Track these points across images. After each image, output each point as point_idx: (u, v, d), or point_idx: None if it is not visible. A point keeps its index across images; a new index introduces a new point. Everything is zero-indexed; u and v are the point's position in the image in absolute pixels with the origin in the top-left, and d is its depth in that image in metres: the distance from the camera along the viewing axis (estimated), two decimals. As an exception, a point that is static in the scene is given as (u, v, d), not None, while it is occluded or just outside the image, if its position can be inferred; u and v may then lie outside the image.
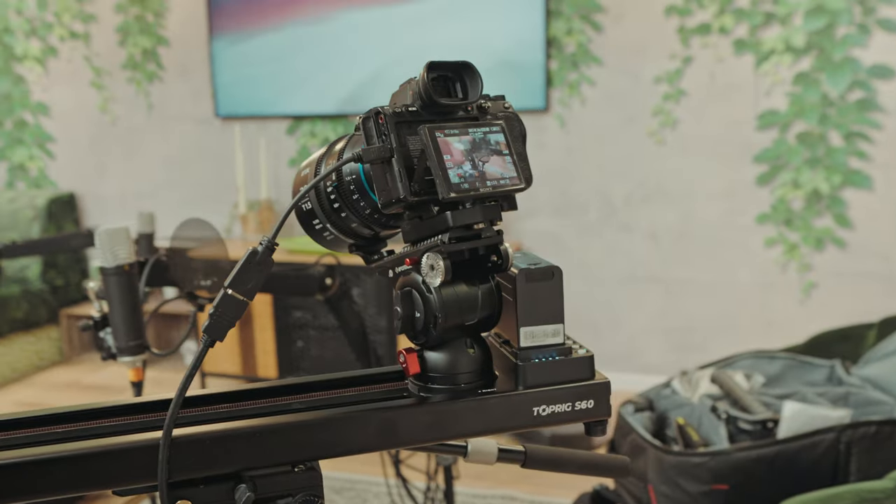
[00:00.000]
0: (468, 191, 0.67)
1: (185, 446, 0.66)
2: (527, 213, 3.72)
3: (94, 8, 4.27)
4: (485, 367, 0.73)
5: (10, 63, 4.48)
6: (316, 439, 0.69)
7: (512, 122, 0.74)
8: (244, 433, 0.68)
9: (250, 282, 0.67)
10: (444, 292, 0.70)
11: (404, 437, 0.71)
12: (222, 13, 4.01)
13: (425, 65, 0.69)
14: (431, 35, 3.71)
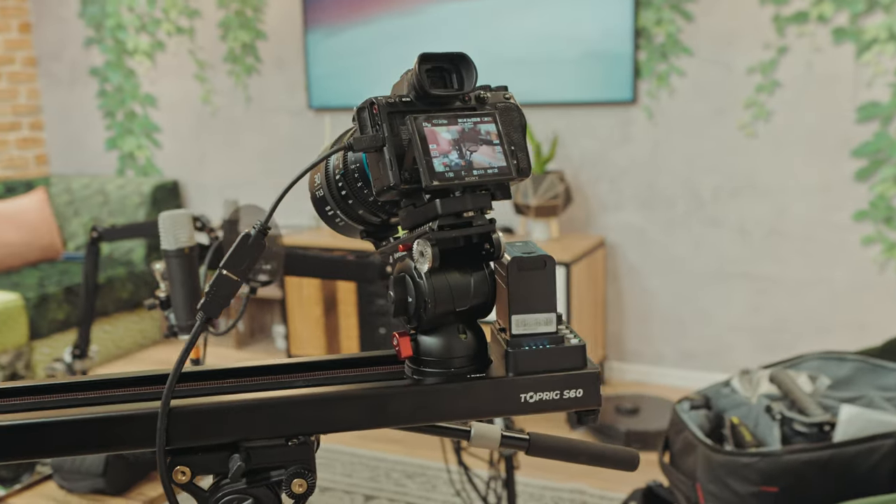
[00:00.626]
0: (452, 179, 0.68)
1: (184, 416, 0.71)
2: (611, 207, 3.68)
3: (199, 4, 4.46)
4: (478, 353, 0.75)
5: (123, 57, 4.73)
6: (308, 415, 0.72)
7: (511, 113, 0.75)
8: (239, 406, 0.72)
9: (243, 263, 0.70)
10: (435, 279, 0.71)
11: (392, 417, 0.73)
12: (317, 7, 4.11)
13: (418, 56, 0.70)
14: (516, 27, 3.70)
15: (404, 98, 0.71)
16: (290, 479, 0.72)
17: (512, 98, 0.76)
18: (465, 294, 0.72)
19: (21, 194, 4.62)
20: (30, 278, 4.12)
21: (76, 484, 1.81)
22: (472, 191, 0.70)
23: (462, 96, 0.72)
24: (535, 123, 3.72)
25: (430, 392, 0.73)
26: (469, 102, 0.73)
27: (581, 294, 3.39)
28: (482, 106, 0.73)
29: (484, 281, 0.73)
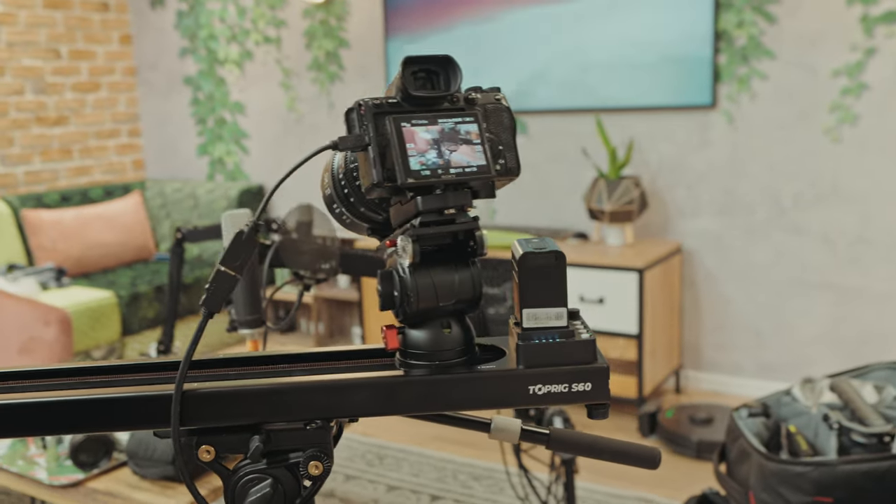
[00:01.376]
0: (429, 177, 0.70)
1: (209, 398, 0.75)
2: (689, 213, 3.62)
3: (285, 14, 4.60)
4: (466, 347, 0.77)
5: (214, 66, 4.92)
6: (321, 400, 0.76)
7: (499, 114, 0.76)
8: (259, 391, 0.76)
9: (239, 259, 0.74)
10: (419, 274, 0.73)
11: (402, 405, 0.76)
12: (397, 15, 4.19)
13: (402, 59, 0.72)
14: (595, 31, 3.69)
15: (391, 100, 0.73)
16: (307, 461, 0.76)
17: (503, 99, 0.77)
18: (449, 290, 0.74)
19: (118, 197, 4.85)
20: (123, 277, 4.33)
21: (148, 470, 1.91)
22: (454, 189, 0.72)
23: (450, 97, 0.73)
24: (611, 128, 3.70)
25: (440, 382, 0.75)
26: (457, 103, 0.74)
27: (655, 300, 3.34)
28: (470, 106, 0.74)
29: (469, 278, 0.75)
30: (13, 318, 2.95)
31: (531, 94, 3.90)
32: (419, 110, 0.72)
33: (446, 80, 0.73)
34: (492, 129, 0.74)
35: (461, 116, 0.73)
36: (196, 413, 0.75)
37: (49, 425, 0.78)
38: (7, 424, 0.76)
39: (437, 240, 0.73)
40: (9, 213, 4.30)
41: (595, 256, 3.36)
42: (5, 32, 4.54)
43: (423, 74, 0.73)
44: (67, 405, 0.76)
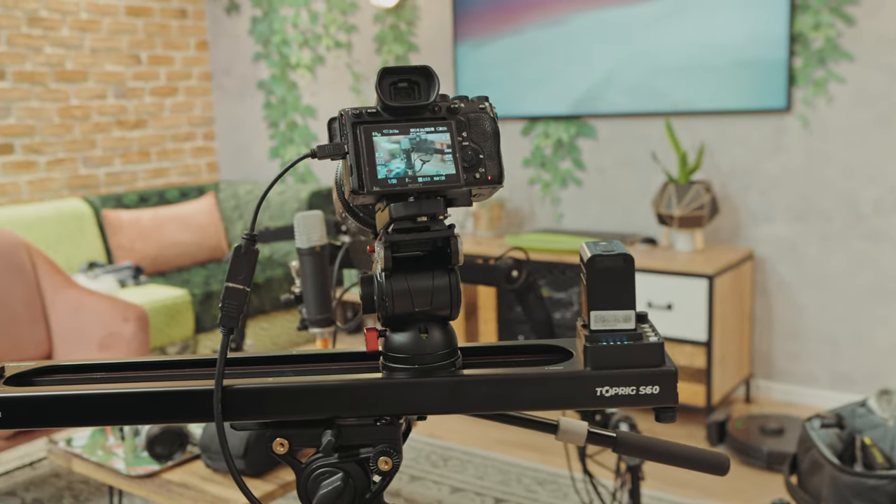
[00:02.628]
0: (395, 186, 0.71)
1: (283, 394, 0.78)
2: (761, 219, 3.54)
3: (356, 19, 4.67)
4: (448, 352, 0.78)
5: (286, 71, 5.02)
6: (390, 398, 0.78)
7: (480, 123, 0.76)
8: (330, 387, 0.78)
9: (242, 272, 0.77)
10: (395, 280, 0.75)
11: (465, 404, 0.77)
12: (467, 19, 4.21)
13: (379, 70, 0.73)
14: (665, 34, 3.64)
15: (370, 110, 0.74)
16: (377, 457, 0.78)
17: (488, 108, 0.77)
18: (426, 296, 0.75)
19: (193, 199, 4.99)
20: (197, 276, 4.45)
21: (220, 464, 1.96)
22: (427, 197, 0.73)
23: (431, 107, 0.74)
24: (681, 132, 3.65)
25: (507, 381, 0.77)
26: (439, 112, 0.75)
27: (725, 308, 3.29)
28: (452, 116, 0.75)
29: (445, 285, 0.76)
30: (93, 314, 3.06)
31: (600, 98, 3.87)
32: (398, 120, 0.73)
33: (426, 90, 0.74)
34: (473, 137, 0.75)
35: (434, 126, 0.74)
36: (271, 407, 0.78)
37: (132, 415, 0.81)
38: (89, 413, 0.80)
39: (415, 247, 0.75)
40: (90, 213, 4.47)
41: (664, 262, 3.32)
42: (90, 39, 4.72)
43: (404, 85, 0.74)
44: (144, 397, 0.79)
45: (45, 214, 4.27)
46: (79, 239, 4.36)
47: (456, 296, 0.76)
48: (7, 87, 4.37)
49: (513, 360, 0.86)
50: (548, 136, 4.11)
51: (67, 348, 3.08)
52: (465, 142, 0.75)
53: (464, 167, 0.74)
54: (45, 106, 4.54)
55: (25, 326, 3.05)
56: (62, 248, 4.22)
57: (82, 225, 4.40)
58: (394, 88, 0.73)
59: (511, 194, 4.23)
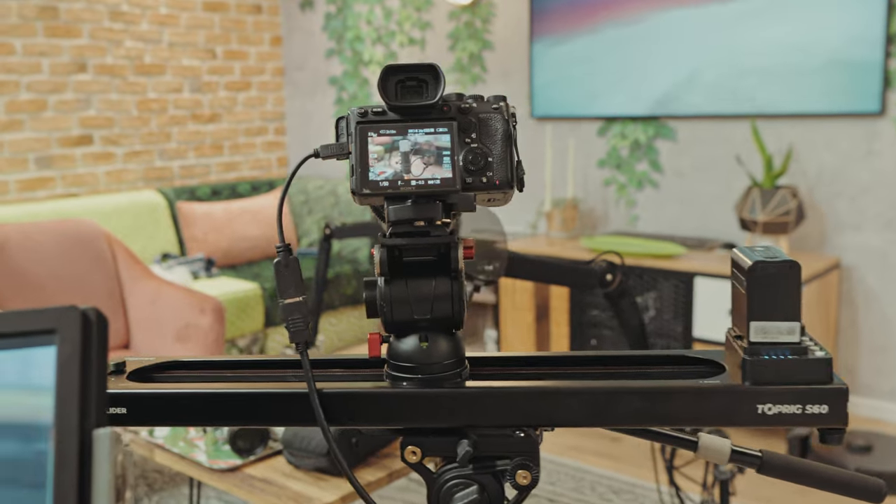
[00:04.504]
0: (386, 188, 0.68)
1: (415, 400, 0.74)
2: (850, 226, 3.41)
3: (431, 16, 4.65)
4: (454, 362, 0.74)
5: (359, 67, 5.03)
6: (535, 408, 0.73)
7: (490, 123, 0.72)
8: (469, 393, 0.74)
9: (292, 284, 0.73)
10: (395, 285, 0.72)
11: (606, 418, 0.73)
12: (544, 17, 4.15)
13: (383, 68, 0.70)
14: (751, 34, 3.53)
15: (376, 109, 0.71)
16: (515, 470, 0.73)
17: (502, 108, 0.73)
18: (426, 303, 0.72)
19: (263, 193, 5.03)
20: (267, 270, 4.48)
21: (302, 461, 1.94)
22: (425, 201, 0.69)
23: (440, 106, 0.71)
24: (768, 136, 3.53)
25: (658, 395, 0.72)
26: (447, 112, 0.71)
27: (810, 318, 3.17)
28: (463, 116, 0.71)
29: (446, 294, 0.72)
30: (171, 305, 3.09)
31: (680, 98, 3.78)
32: (400, 120, 0.70)
33: (433, 89, 0.70)
34: (482, 139, 0.71)
35: (434, 127, 0.70)
36: (407, 413, 0.74)
37: (258, 415, 0.79)
38: (213, 411, 0.78)
39: (417, 252, 0.72)
40: (165, 205, 4.53)
41: (746, 268, 3.21)
42: (168, 33, 4.78)
43: (413, 83, 0.70)
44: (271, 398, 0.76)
45: (121, 205, 4.34)
46: (153, 230, 4.43)
47: (458, 305, 0.73)
48: (88, 79, 4.45)
49: (652, 372, 0.81)
50: (624, 136, 4.02)
51: (144, 338, 3.12)
52: (474, 143, 0.71)
53: (468, 170, 0.70)
54: (123, 99, 4.61)
55: (105, 315, 3.09)
56: (137, 239, 4.28)
57: (157, 216, 4.47)
58: (401, 87, 0.70)
59: (586, 195, 4.15)
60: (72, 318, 0.50)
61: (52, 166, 4.35)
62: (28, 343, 0.50)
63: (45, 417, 0.48)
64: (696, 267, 3.29)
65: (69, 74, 4.37)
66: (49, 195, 4.32)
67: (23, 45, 4.18)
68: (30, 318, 0.50)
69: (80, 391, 0.48)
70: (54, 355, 0.49)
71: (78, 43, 4.39)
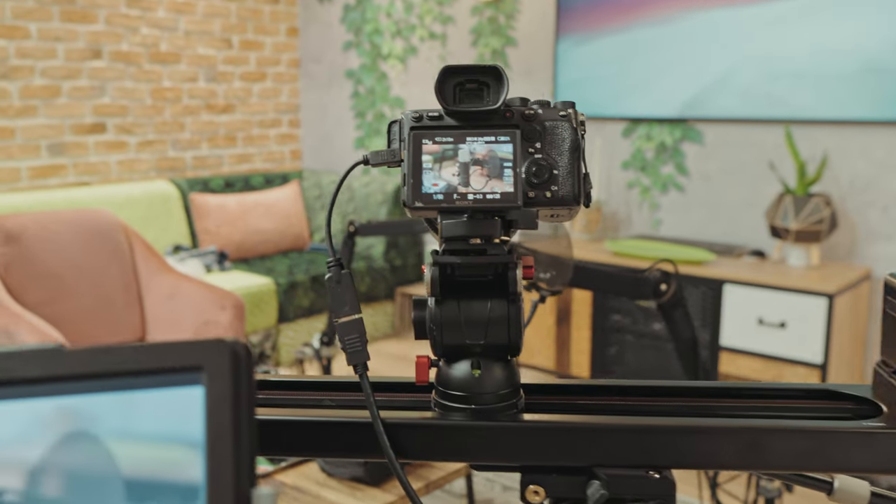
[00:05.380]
0: (440, 202, 0.62)
1: (541, 433, 0.67)
2: (882, 237, 3.34)
3: (453, 10, 4.57)
4: (509, 393, 0.68)
5: (377, 61, 4.95)
6: (678, 447, 0.66)
7: (557, 133, 0.65)
8: (600, 428, 0.67)
9: (347, 302, 0.68)
10: (447, 306, 0.66)
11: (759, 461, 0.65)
12: (571, 15, 4.08)
13: (441, 69, 0.64)
14: (786, 37, 3.46)
15: (432, 113, 0.64)
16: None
17: (571, 116, 0.66)
18: (479, 328, 0.66)
19: (277, 186, 4.95)
20: (280, 265, 4.40)
21: (337, 469, 1.87)
22: (483, 216, 0.63)
23: (502, 112, 0.64)
24: (802, 141, 3.46)
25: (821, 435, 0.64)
26: (510, 119, 0.64)
27: (843, 329, 3.10)
28: (527, 123, 0.65)
29: (502, 318, 0.66)
30: (189, 300, 3.01)
31: (710, 101, 3.70)
32: (458, 127, 0.63)
33: (496, 93, 0.64)
34: (547, 150, 0.64)
35: (496, 136, 0.63)
36: (530, 449, 0.67)
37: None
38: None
39: (471, 270, 0.65)
40: (178, 196, 4.45)
41: (777, 277, 3.15)
42: (184, 22, 4.70)
43: (473, 86, 0.64)
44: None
45: (134, 195, 4.26)
46: (166, 221, 4.35)
47: (515, 330, 0.66)
48: (103, 66, 4.37)
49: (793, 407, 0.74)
50: (650, 138, 3.95)
51: (161, 333, 3.04)
52: (538, 154, 0.64)
53: (531, 184, 0.63)
54: (138, 87, 4.53)
55: (121, 309, 3.01)
56: (149, 230, 4.20)
57: (169, 207, 4.39)
58: (460, 90, 0.64)
59: (608, 197, 4.08)
60: (220, 354, 0.42)
61: (65, 154, 4.26)
62: (168, 382, 0.42)
63: (193, 475, 0.41)
64: (725, 274, 3.22)
65: (84, 61, 4.29)
66: (61, 183, 4.24)
67: (38, 29, 4.09)
68: (170, 353, 0.42)
69: (233, 444, 0.41)
70: (202, 398, 0.42)
71: (94, 29, 4.30)
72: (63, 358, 0.42)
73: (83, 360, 0.42)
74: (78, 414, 0.42)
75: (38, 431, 0.42)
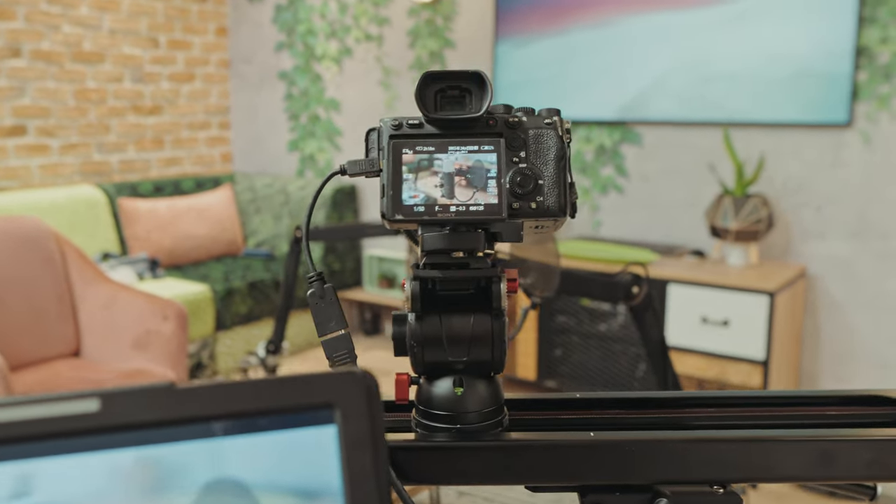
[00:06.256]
0: (421, 214, 0.59)
1: (604, 449, 0.65)
2: (815, 235, 3.45)
3: (389, 12, 4.52)
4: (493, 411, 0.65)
5: (311, 62, 4.86)
6: (739, 460, 0.65)
7: (542, 141, 0.63)
8: (664, 444, 0.65)
9: (332, 316, 0.65)
10: (428, 320, 0.63)
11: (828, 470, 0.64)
12: (509, 17, 4.08)
13: (422, 75, 0.62)
14: (721, 41, 3.54)
15: (412, 121, 0.62)
16: (717, 531, 0.64)
17: (556, 123, 0.64)
18: (462, 344, 0.63)
19: (208, 190, 4.81)
20: (215, 271, 4.28)
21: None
22: (466, 229, 0.61)
23: (486, 119, 0.62)
24: (739, 143, 3.55)
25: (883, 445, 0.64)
26: (493, 126, 0.62)
27: (782, 326, 3.19)
28: (512, 132, 0.62)
29: (485, 334, 0.63)
30: (128, 310, 2.89)
31: (647, 104, 3.76)
32: (440, 135, 0.61)
33: (479, 100, 0.62)
34: (532, 159, 0.62)
35: (479, 145, 0.61)
36: (593, 467, 0.64)
37: None
38: None
39: (454, 285, 0.62)
40: (105, 201, 4.28)
41: (718, 276, 3.21)
42: (108, 20, 4.52)
43: (455, 93, 0.62)
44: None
45: (58, 201, 4.07)
46: (93, 228, 4.17)
47: (499, 346, 0.63)
48: (23, 65, 4.16)
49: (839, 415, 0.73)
50: (589, 140, 3.99)
51: (98, 345, 2.91)
52: (522, 163, 0.61)
53: (516, 194, 0.61)
54: (60, 87, 4.33)
55: (54, 321, 2.87)
56: (76, 237, 4.02)
57: (97, 213, 4.21)
58: (441, 97, 0.62)
59: (548, 199, 4.10)
60: (355, 389, 0.38)
61: (-17, 158, 4.04)
62: (296, 422, 0.38)
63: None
64: (668, 274, 3.27)
65: (2, 60, 4.08)
66: (-21, 189, 4.02)
67: (-48, 26, 3.87)
68: (297, 388, 0.38)
69: (376, 488, 0.37)
70: (335, 442, 0.37)
71: (13, 26, 4.10)
72: (177, 397, 0.37)
73: (200, 400, 0.37)
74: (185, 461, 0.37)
75: (127, 484, 0.37)
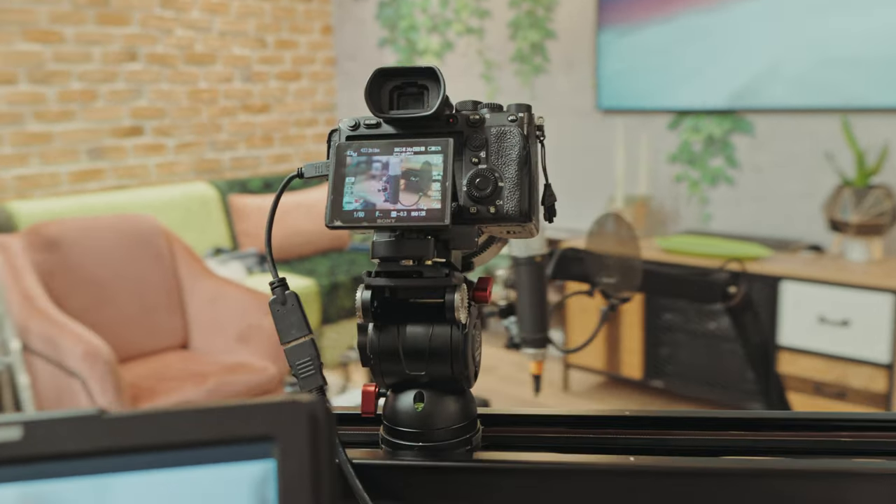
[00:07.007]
0: (361, 221, 0.55)
1: (585, 476, 0.59)
2: (948, 228, 3.18)
3: (490, 4, 4.47)
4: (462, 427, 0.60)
5: (413, 57, 4.87)
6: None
7: (505, 140, 0.57)
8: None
9: (294, 324, 0.61)
10: (385, 332, 0.59)
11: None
12: (611, 5, 3.96)
13: (373, 72, 0.57)
14: (839, 22, 3.31)
15: (369, 121, 0.58)
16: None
17: (524, 119, 0.58)
18: (419, 356, 0.58)
19: (315, 186, 4.89)
20: (321, 266, 4.35)
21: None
22: (416, 236, 0.56)
23: (446, 118, 0.58)
24: (860, 130, 3.32)
25: None
26: (454, 125, 0.58)
27: (908, 327, 2.96)
28: (472, 130, 0.57)
29: (443, 346, 0.58)
30: (233, 305, 2.96)
31: (759, 91, 3.57)
32: (393, 136, 0.57)
33: (434, 97, 0.58)
34: (493, 160, 0.57)
35: (426, 146, 0.56)
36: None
37: None
38: None
39: (408, 294, 0.59)
40: (217, 198, 4.42)
41: (837, 273, 3.01)
42: (218, 22, 4.66)
43: (413, 90, 0.58)
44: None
45: (173, 198, 4.23)
46: (205, 223, 4.31)
47: (460, 361, 0.58)
48: (139, 68, 4.34)
49: None
50: (698, 130, 3.82)
51: (204, 338, 3.00)
52: (482, 164, 0.57)
53: (473, 197, 0.56)
54: (174, 88, 4.50)
55: (164, 315, 2.97)
56: (189, 232, 4.17)
57: (209, 209, 4.35)
58: (399, 94, 0.58)
59: (653, 191, 3.96)
60: (295, 419, 0.34)
61: (104, 157, 4.25)
62: (230, 455, 0.34)
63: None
64: (782, 270, 3.09)
65: (120, 63, 4.27)
66: (100, 187, 4.23)
67: (74, 33, 4.07)
68: (232, 419, 0.34)
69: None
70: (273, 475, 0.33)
71: (129, 31, 4.28)
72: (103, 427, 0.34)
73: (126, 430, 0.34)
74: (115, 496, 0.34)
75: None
